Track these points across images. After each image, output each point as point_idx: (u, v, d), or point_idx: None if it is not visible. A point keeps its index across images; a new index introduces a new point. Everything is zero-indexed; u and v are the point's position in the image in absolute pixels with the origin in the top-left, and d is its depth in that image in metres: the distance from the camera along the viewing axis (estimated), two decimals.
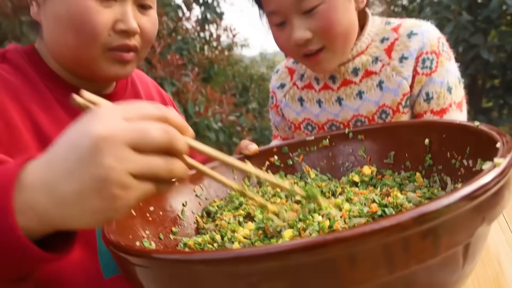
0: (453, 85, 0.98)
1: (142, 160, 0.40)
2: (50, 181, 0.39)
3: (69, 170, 0.39)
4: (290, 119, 1.16)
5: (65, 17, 0.72)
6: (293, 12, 0.88)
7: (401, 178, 0.71)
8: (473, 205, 0.36)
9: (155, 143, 0.40)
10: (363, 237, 0.32)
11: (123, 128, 0.39)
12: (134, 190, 0.40)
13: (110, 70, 0.78)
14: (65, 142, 0.41)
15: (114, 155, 0.38)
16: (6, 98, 0.70)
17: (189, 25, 3.71)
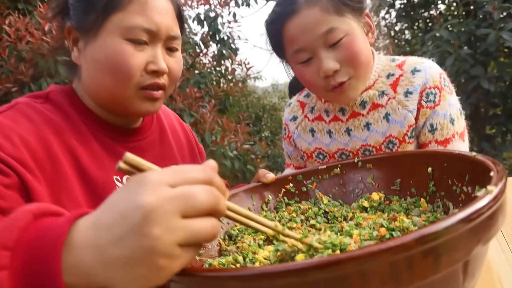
0: (455, 117, 1.02)
1: (189, 227, 0.39)
2: (100, 244, 0.38)
3: (119, 237, 0.38)
4: (302, 149, 1.20)
5: (104, 60, 0.79)
6: (320, 46, 0.93)
7: (407, 203, 0.74)
8: (469, 227, 0.39)
9: (202, 207, 0.40)
10: (372, 255, 0.36)
11: (171, 196, 0.39)
12: (180, 260, 0.40)
13: (141, 107, 0.84)
14: (114, 209, 0.40)
15: (162, 226, 0.37)
16: (50, 135, 0.76)
17: (206, 61, 3.83)
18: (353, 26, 0.95)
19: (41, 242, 0.39)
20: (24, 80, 2.60)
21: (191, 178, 0.41)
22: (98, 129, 0.86)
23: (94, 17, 0.79)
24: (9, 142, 0.68)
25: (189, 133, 1.14)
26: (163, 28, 0.81)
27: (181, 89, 3.14)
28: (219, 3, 3.49)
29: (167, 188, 0.39)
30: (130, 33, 0.78)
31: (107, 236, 0.38)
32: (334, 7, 0.93)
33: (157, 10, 0.81)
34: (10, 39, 2.64)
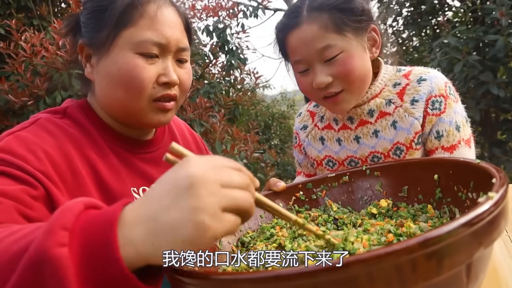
0: (461, 124, 1.04)
1: (229, 194, 0.45)
2: (150, 215, 0.43)
3: (169, 203, 0.43)
4: (312, 157, 1.23)
5: (116, 74, 0.81)
6: (316, 60, 0.98)
7: (415, 209, 0.76)
8: (470, 231, 0.42)
9: (237, 180, 0.47)
10: (378, 258, 0.38)
11: (213, 167, 0.46)
12: (222, 222, 0.44)
13: (154, 118, 0.87)
14: (163, 183, 0.46)
15: (208, 189, 0.43)
16: (71, 148, 0.79)
17: (215, 71, 3.89)
18: (351, 43, 0.98)
19: (96, 223, 0.43)
20: (39, 93, 2.67)
21: (226, 165, 0.48)
22: (114, 142, 0.89)
23: (106, 33, 0.81)
24: (34, 156, 0.71)
25: (200, 143, 1.17)
26: (173, 40, 0.83)
27: (191, 99, 3.19)
28: (228, 15, 3.55)
29: (208, 166, 0.46)
30: (141, 47, 0.80)
31: (156, 207, 0.44)
32: (334, 25, 0.96)
33: (167, 23, 0.83)
34: (26, 54, 2.72)
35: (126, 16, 0.81)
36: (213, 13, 3.56)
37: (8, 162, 0.68)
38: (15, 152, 0.70)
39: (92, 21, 0.84)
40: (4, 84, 2.72)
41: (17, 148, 0.71)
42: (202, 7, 3.62)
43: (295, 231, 0.80)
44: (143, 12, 0.82)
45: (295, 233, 0.80)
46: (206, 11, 3.55)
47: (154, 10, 0.82)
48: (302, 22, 0.98)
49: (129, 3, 0.81)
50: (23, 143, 0.72)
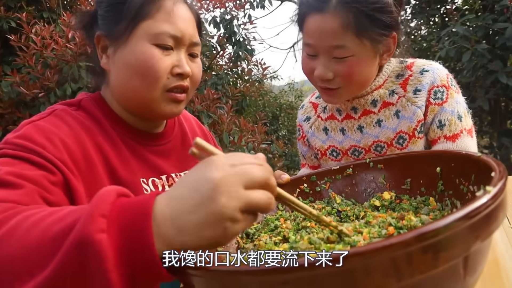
0: (462, 114, 1.06)
1: (249, 196, 0.47)
2: (176, 215, 0.46)
3: (192, 207, 0.46)
4: (316, 147, 1.24)
5: (134, 63, 0.85)
6: (325, 53, 0.97)
7: (417, 202, 0.77)
8: (467, 225, 0.42)
9: (259, 180, 0.48)
10: (375, 251, 0.39)
11: (234, 172, 0.47)
12: (241, 222, 0.47)
13: (167, 108, 0.90)
14: (188, 184, 0.48)
15: (228, 195, 0.45)
16: (85, 137, 0.83)
17: (223, 62, 3.88)
18: (364, 50, 0.96)
19: (132, 211, 0.47)
20: (49, 85, 2.70)
21: (248, 161, 0.50)
22: (125, 134, 0.92)
23: (124, 25, 0.84)
24: (52, 144, 0.74)
25: (208, 136, 1.19)
26: (187, 35, 0.87)
27: (199, 91, 3.20)
28: (235, 6, 3.54)
29: (230, 166, 0.47)
30: (158, 39, 0.84)
31: (181, 207, 0.46)
32: (356, 28, 0.93)
33: (181, 18, 0.87)
34: (36, 47, 2.74)
35: (145, 9, 0.84)
36: (220, 4, 3.54)
37: (28, 148, 0.71)
38: (34, 139, 0.73)
39: (111, 14, 0.87)
40: (16, 76, 2.76)
41: (36, 136, 0.74)
42: None
43: (299, 223, 0.81)
44: (160, 7, 0.85)
45: (299, 225, 0.81)
46: (214, 2, 3.54)
47: (170, 5, 0.86)
48: (327, 10, 0.95)
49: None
50: (42, 131, 0.76)
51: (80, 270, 0.44)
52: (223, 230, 0.46)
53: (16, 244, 0.48)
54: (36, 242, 0.47)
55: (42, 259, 0.46)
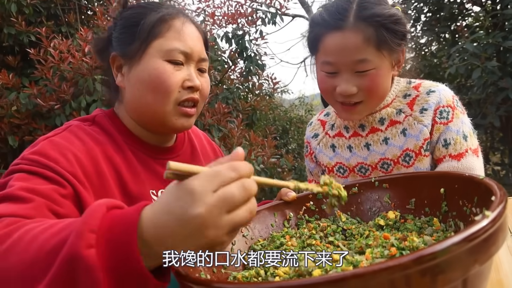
0: (468, 134, 1.07)
1: (233, 220, 0.50)
2: (162, 241, 0.49)
3: (181, 240, 0.49)
4: (324, 163, 1.25)
5: (147, 79, 0.90)
6: (348, 69, 1.00)
7: (421, 222, 0.77)
8: (465, 249, 0.43)
9: (240, 200, 0.50)
10: (373, 274, 0.40)
11: (215, 203, 0.48)
12: (229, 239, 0.52)
13: (178, 122, 0.94)
14: (172, 216, 0.49)
15: (215, 226, 0.49)
16: (98, 153, 0.87)
17: (234, 77, 3.93)
18: (384, 62, 1.00)
19: (119, 225, 0.50)
20: (65, 98, 2.77)
21: (225, 180, 0.50)
22: (136, 147, 0.96)
23: (138, 45, 0.90)
24: (65, 159, 0.79)
25: (218, 153, 1.22)
26: (196, 51, 0.94)
27: (210, 105, 3.24)
28: (247, 22, 3.60)
29: (211, 195, 0.49)
30: (170, 55, 0.90)
31: (170, 239, 0.49)
32: (376, 41, 0.97)
33: (190, 36, 0.94)
34: (54, 61, 2.82)
35: (156, 29, 0.91)
36: (232, 20, 3.61)
37: (42, 164, 0.76)
38: (48, 155, 0.78)
39: (125, 35, 0.93)
40: (33, 89, 2.83)
41: (50, 151, 0.79)
42: (222, 15, 3.68)
43: (304, 241, 0.83)
44: (170, 26, 0.92)
45: (304, 242, 0.82)
46: (226, 18, 3.60)
47: (180, 24, 0.93)
48: (347, 28, 0.97)
49: (158, 18, 0.92)
50: (56, 147, 0.80)
51: (71, 284, 0.48)
52: (213, 251, 0.52)
53: (16, 259, 0.52)
54: (34, 256, 0.51)
55: (38, 272, 0.50)
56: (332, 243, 0.81)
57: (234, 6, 3.81)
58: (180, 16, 0.95)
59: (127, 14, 0.96)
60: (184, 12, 0.99)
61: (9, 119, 2.87)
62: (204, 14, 4.00)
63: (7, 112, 2.89)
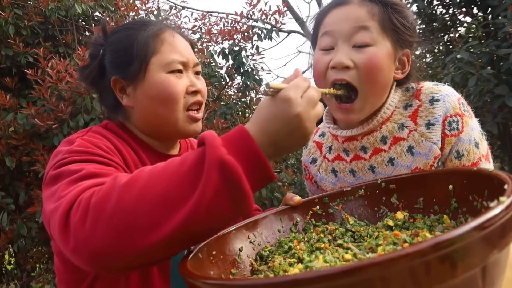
0: (478, 140, 1.01)
1: (317, 112, 0.69)
2: (274, 141, 0.65)
3: (287, 135, 0.65)
4: (327, 189, 1.17)
5: (155, 93, 0.97)
6: (346, 40, 0.95)
7: (431, 220, 0.76)
8: (482, 235, 0.42)
9: (317, 98, 0.69)
10: (392, 261, 0.39)
11: (306, 103, 0.66)
12: (314, 125, 0.69)
13: (190, 128, 1.02)
14: (278, 120, 0.65)
15: (309, 120, 0.66)
16: (123, 149, 0.94)
17: (231, 92, 3.95)
18: (386, 46, 0.95)
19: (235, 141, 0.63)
20: (63, 117, 2.77)
21: (305, 87, 0.68)
22: (149, 150, 1.03)
23: (138, 65, 0.96)
24: (103, 150, 0.86)
25: None
26: (190, 58, 1.02)
27: (208, 121, 3.25)
28: (243, 38, 3.64)
29: (301, 99, 0.66)
30: (170, 67, 0.97)
31: (278, 138, 0.65)
32: (381, 18, 0.95)
33: (182, 46, 1.02)
34: (52, 80, 2.83)
35: (151, 46, 0.97)
36: (229, 36, 3.65)
37: (91, 152, 0.83)
38: (90, 147, 0.84)
39: (121, 59, 0.99)
40: (31, 109, 2.83)
41: (89, 144, 0.85)
42: (218, 31, 3.73)
43: (313, 245, 0.81)
44: (163, 40, 0.99)
45: (313, 246, 0.81)
46: (222, 34, 3.65)
47: (170, 37, 1.00)
48: (351, 3, 0.97)
49: (150, 35, 0.98)
50: (91, 142, 0.87)
51: (223, 184, 0.57)
52: (308, 139, 0.69)
53: (155, 188, 0.60)
54: (173, 179, 0.60)
55: (186, 189, 0.58)
56: (341, 246, 0.79)
57: (230, 23, 3.87)
58: (167, 28, 1.02)
59: (115, 38, 1.01)
60: (168, 24, 1.06)
61: (6, 140, 2.86)
62: (201, 32, 4.06)
63: (4, 133, 2.89)
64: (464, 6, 3.72)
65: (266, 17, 3.89)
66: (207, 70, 3.30)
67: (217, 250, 0.76)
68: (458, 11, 3.74)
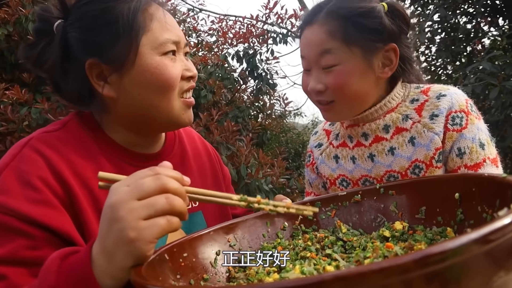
0: (485, 142, 0.95)
1: (145, 203, 0.52)
2: (102, 247, 0.55)
3: (106, 232, 0.54)
4: (325, 175, 1.15)
5: (150, 79, 0.80)
6: (315, 64, 0.97)
7: (433, 233, 0.66)
8: (485, 250, 0.32)
9: (149, 188, 0.53)
10: (360, 277, 0.30)
11: (126, 190, 0.54)
12: (147, 229, 0.52)
13: (185, 117, 0.87)
14: (102, 218, 0.56)
15: (125, 209, 0.52)
16: (65, 169, 0.75)
17: (245, 96, 3.89)
18: (354, 59, 0.93)
19: (75, 276, 0.55)
20: None
21: (140, 176, 0.56)
22: (115, 155, 0.85)
23: (125, 46, 0.77)
24: (31, 188, 0.71)
25: (213, 157, 1.11)
26: (181, 37, 0.86)
27: (218, 123, 3.18)
28: (258, 41, 3.57)
29: (124, 187, 0.55)
30: (164, 48, 0.81)
31: (101, 238, 0.55)
32: (342, 35, 0.92)
33: (172, 23, 0.86)
34: None
35: (139, 23, 0.79)
36: (244, 39, 3.59)
37: (6, 208, 0.68)
38: (12, 193, 0.70)
39: (99, 38, 0.78)
40: (44, 104, 2.84)
41: (14, 185, 0.71)
42: (233, 34, 3.67)
43: (298, 253, 0.72)
44: (152, 16, 0.81)
45: (298, 255, 0.72)
46: (237, 37, 3.59)
47: (159, 12, 0.83)
48: (315, 22, 0.96)
49: (136, 8, 0.79)
50: (20, 176, 0.72)
51: None
52: (130, 241, 0.52)
53: None
54: None
55: None
56: (329, 256, 0.70)
57: (246, 26, 3.81)
58: (152, 2, 0.83)
59: (85, 10, 0.80)
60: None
61: (19, 134, 2.87)
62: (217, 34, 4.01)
63: (18, 127, 2.91)
64: (488, 16, 3.55)
65: (282, 21, 3.81)
66: (221, 72, 3.24)
67: (189, 252, 0.68)
68: (483, 21, 3.58)
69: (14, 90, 3.00)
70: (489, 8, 3.71)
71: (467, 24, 3.71)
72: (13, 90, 3.00)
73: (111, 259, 0.53)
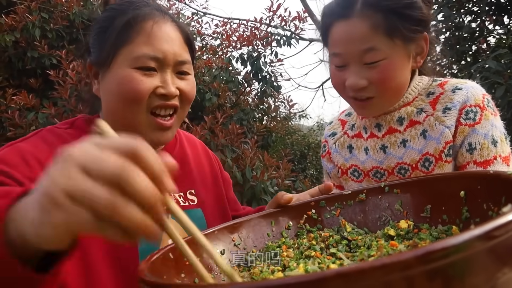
0: (498, 139, 0.92)
1: (83, 183, 0.36)
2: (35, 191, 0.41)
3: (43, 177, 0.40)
4: (338, 164, 1.15)
5: (115, 89, 0.83)
6: (356, 60, 0.91)
7: (438, 232, 0.65)
8: (489, 246, 0.32)
9: (104, 172, 0.37)
10: (362, 273, 0.30)
11: (85, 151, 0.38)
12: (63, 211, 0.36)
13: (153, 136, 0.86)
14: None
15: (62, 169, 0.37)
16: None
17: (250, 98, 3.89)
18: (397, 51, 0.90)
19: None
20: None
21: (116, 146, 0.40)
22: None
23: (106, 52, 0.84)
24: (25, 164, 0.75)
25: (214, 162, 1.12)
26: (170, 54, 0.84)
27: (223, 126, 3.19)
28: (262, 44, 3.58)
29: (90, 146, 0.39)
30: (138, 62, 0.82)
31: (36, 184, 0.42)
32: (386, 28, 0.88)
33: (163, 38, 0.84)
34: (72, 81, 2.87)
35: (124, 35, 0.83)
36: (248, 42, 3.60)
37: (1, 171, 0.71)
38: (7, 161, 0.74)
39: (97, 42, 0.88)
40: (51, 109, 2.87)
41: (10, 157, 0.75)
42: (237, 37, 3.68)
43: (302, 252, 0.72)
44: (140, 30, 0.84)
45: (302, 254, 0.71)
46: (241, 40, 3.60)
47: (150, 26, 0.84)
48: (353, 15, 0.89)
49: (126, 22, 0.84)
50: (18, 152, 0.77)
51: None
52: (47, 212, 0.37)
53: None
54: None
55: None
56: (334, 255, 0.69)
57: (250, 29, 3.82)
58: (153, 16, 0.85)
59: (100, 18, 0.89)
60: (162, 9, 0.89)
61: None
62: (221, 37, 4.03)
63: (26, 132, 2.94)
64: (493, 14, 3.53)
65: (285, 23, 3.81)
66: (225, 75, 3.25)
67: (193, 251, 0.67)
68: (487, 19, 3.55)
69: (21, 95, 3.04)
70: (493, 7, 3.68)
71: (471, 23, 3.68)
72: (21, 96, 3.04)
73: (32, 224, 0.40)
